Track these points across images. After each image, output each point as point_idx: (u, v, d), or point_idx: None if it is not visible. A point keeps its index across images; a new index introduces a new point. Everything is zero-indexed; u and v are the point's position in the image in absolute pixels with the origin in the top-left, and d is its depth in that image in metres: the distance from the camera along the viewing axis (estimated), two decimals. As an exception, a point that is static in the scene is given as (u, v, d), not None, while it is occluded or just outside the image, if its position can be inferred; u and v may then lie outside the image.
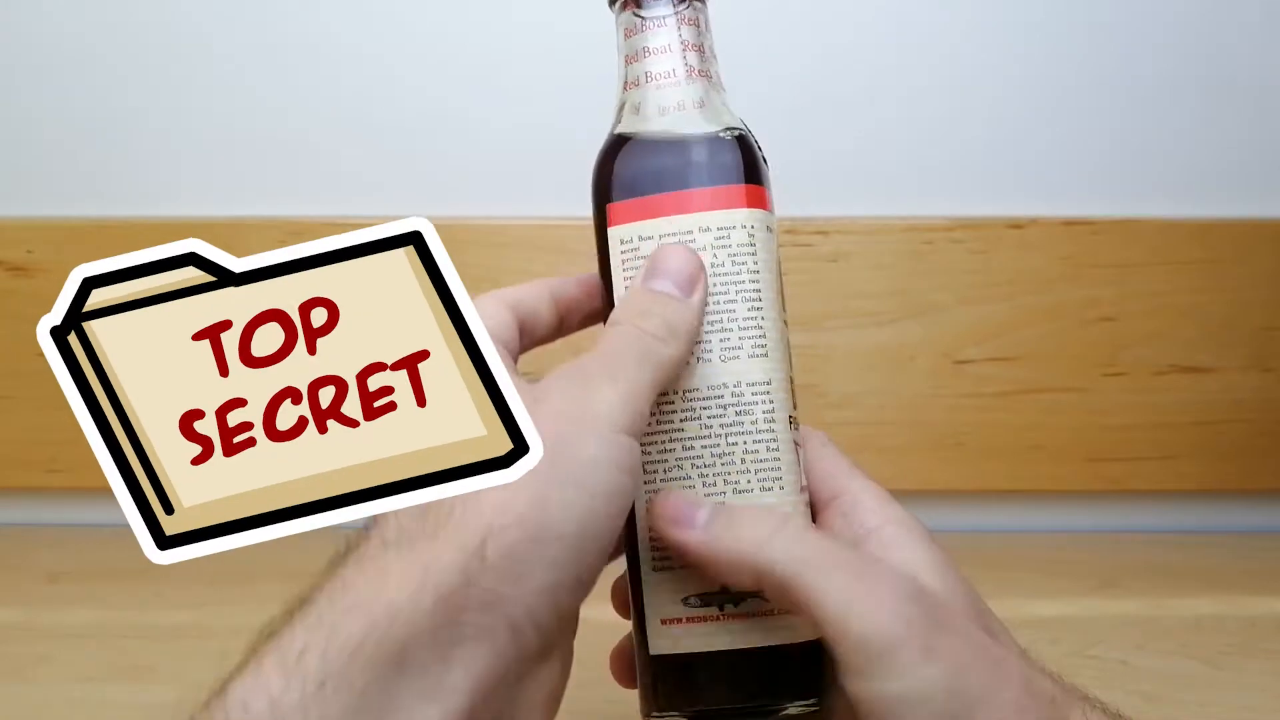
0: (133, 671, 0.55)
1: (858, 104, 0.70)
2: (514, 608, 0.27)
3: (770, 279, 0.35)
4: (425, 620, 0.26)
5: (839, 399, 0.71)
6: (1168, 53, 0.70)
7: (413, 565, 0.26)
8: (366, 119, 0.71)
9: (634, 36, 0.37)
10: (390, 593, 0.26)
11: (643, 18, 0.36)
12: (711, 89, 0.37)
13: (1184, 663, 0.54)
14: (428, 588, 0.26)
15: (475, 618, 0.26)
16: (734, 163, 0.36)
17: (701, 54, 0.37)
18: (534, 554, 0.27)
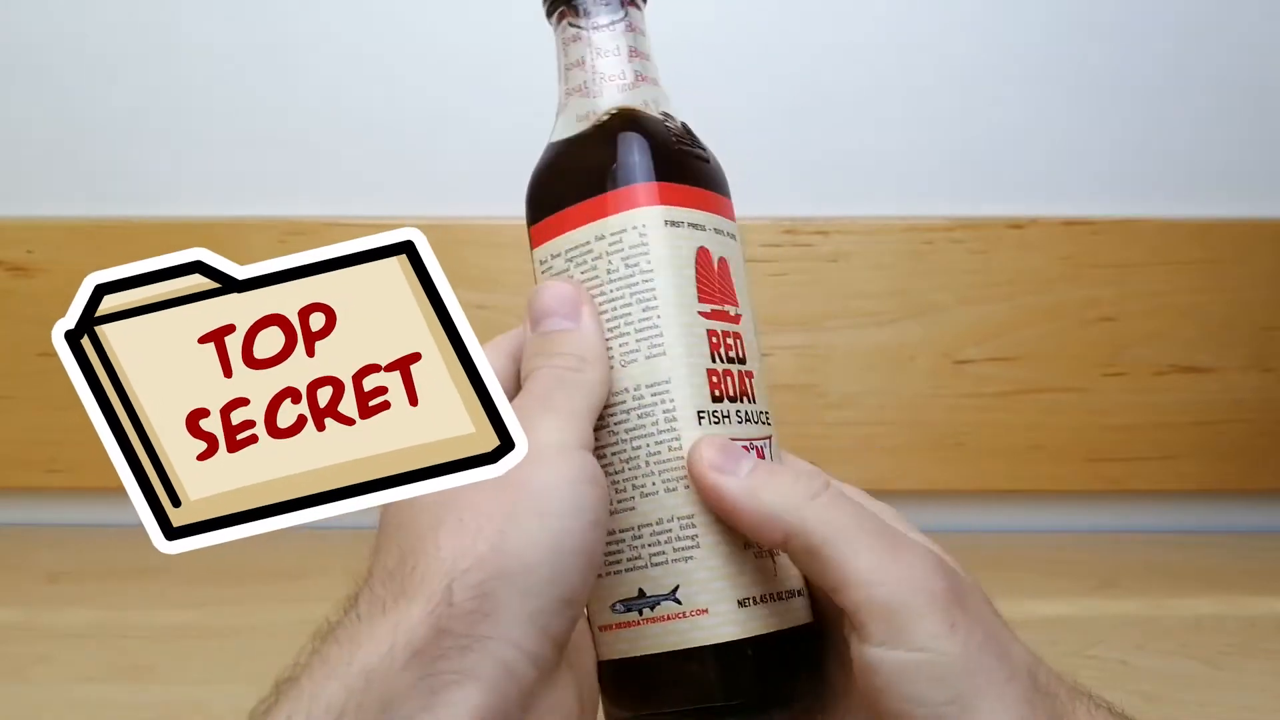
0: (133, 671, 0.55)
1: (858, 104, 0.70)
2: (496, 645, 0.27)
3: (669, 274, 0.34)
4: (401, 677, 0.26)
5: (839, 399, 0.71)
6: (1168, 53, 0.70)
7: (383, 628, 0.27)
8: (366, 119, 0.71)
9: (571, 46, 0.37)
10: (363, 658, 0.26)
11: (580, 28, 0.37)
12: (648, 95, 0.37)
13: (1184, 663, 0.54)
14: (399, 646, 0.26)
15: (455, 664, 0.27)
16: (623, 163, 0.35)
17: (642, 60, 0.37)
18: (503, 589, 0.27)
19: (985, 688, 0.28)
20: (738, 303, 0.36)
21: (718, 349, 0.35)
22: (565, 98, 0.37)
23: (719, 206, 0.36)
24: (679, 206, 0.35)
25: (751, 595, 0.33)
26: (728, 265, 0.36)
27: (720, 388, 0.34)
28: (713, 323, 0.35)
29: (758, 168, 0.71)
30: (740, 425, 0.34)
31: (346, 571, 0.33)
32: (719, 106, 0.71)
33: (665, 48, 0.73)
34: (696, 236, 0.35)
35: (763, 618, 0.33)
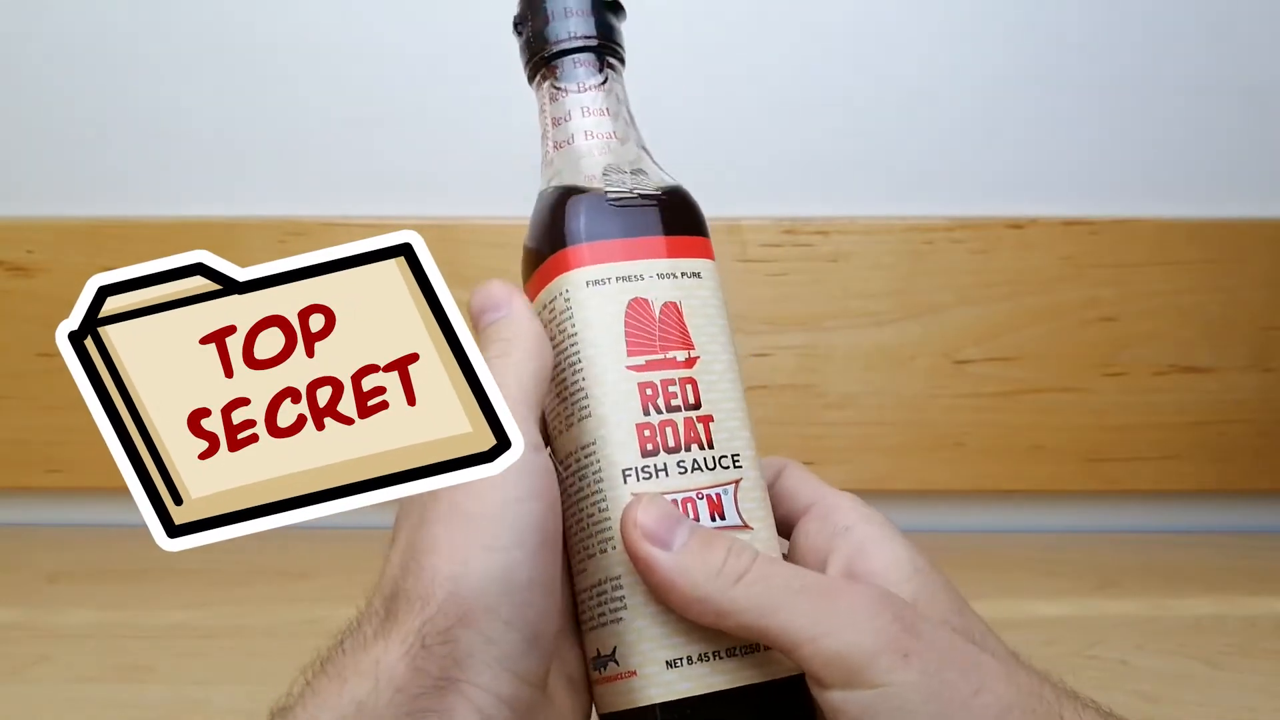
0: (133, 671, 0.55)
1: (859, 104, 0.70)
2: (469, 689, 0.28)
3: (593, 333, 0.34)
4: (386, 711, 0.27)
5: (839, 399, 0.71)
6: (1168, 53, 0.70)
7: (367, 664, 0.28)
8: (366, 119, 0.71)
9: (549, 106, 0.38)
10: (352, 691, 0.27)
11: (559, 90, 0.38)
12: (643, 152, 0.38)
13: (1184, 663, 0.54)
14: (382, 682, 0.27)
15: (433, 703, 0.27)
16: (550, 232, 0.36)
17: (628, 119, 0.38)
18: (466, 636, 0.28)
19: (952, 707, 0.28)
20: (691, 345, 0.35)
21: (653, 400, 0.34)
22: (546, 153, 0.39)
23: (670, 249, 0.36)
24: (605, 263, 0.35)
25: (684, 655, 0.33)
26: (678, 309, 0.35)
27: (655, 440, 0.34)
28: (647, 374, 0.34)
29: (758, 168, 0.71)
30: (683, 476, 0.34)
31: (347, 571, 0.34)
32: (719, 106, 0.71)
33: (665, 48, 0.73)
34: (628, 289, 0.35)
35: (698, 678, 0.32)
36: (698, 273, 0.36)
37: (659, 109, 0.69)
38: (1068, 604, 0.61)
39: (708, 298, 0.36)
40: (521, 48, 0.39)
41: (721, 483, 0.34)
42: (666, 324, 0.35)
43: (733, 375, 0.35)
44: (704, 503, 0.33)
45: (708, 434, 0.34)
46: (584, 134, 0.37)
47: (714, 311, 0.36)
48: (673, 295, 0.35)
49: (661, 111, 0.70)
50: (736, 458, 0.34)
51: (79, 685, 0.53)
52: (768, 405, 0.71)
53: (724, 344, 0.36)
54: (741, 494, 0.34)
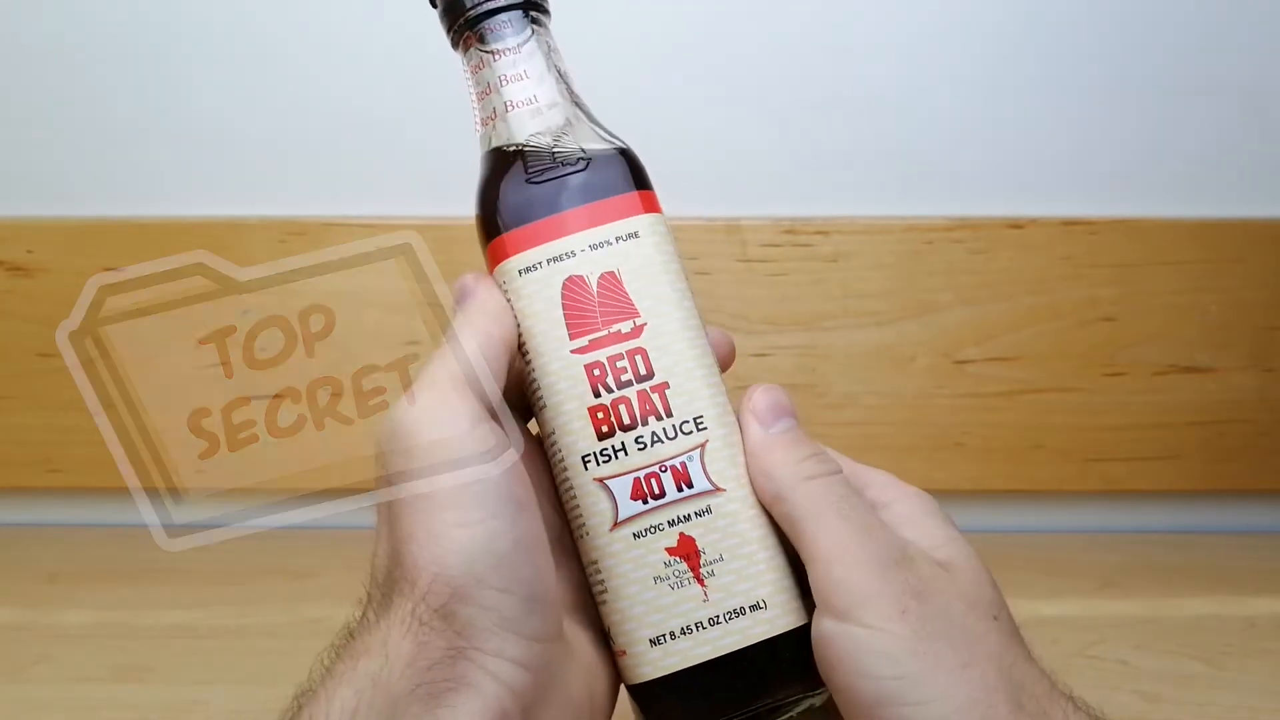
0: (133, 671, 0.55)
1: (858, 104, 0.70)
2: (477, 655, 0.29)
3: (533, 323, 0.34)
4: (401, 684, 0.28)
5: (839, 399, 0.71)
6: (1168, 53, 0.70)
7: (375, 643, 0.29)
8: (366, 119, 0.71)
9: (481, 71, 0.37)
10: (366, 668, 0.28)
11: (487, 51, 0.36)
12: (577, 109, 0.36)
13: (1184, 663, 0.54)
14: (391, 658, 0.28)
15: (445, 672, 0.28)
16: (484, 218, 0.36)
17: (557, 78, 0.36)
18: (462, 609, 0.29)
19: (935, 669, 0.29)
20: (636, 312, 0.34)
21: (602, 380, 0.33)
22: (475, 126, 0.37)
23: (598, 216, 0.34)
24: (532, 248, 0.34)
25: (667, 631, 0.33)
26: (616, 277, 0.34)
27: (609, 421, 0.33)
28: (592, 354, 0.34)
29: (758, 167, 0.71)
30: (642, 452, 0.33)
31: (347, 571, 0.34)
32: (719, 107, 0.71)
33: (666, 49, 0.73)
34: (560, 269, 0.34)
35: (683, 651, 0.33)
36: (634, 233, 0.35)
37: (659, 109, 0.70)
38: (1068, 604, 0.61)
39: (650, 255, 0.34)
40: (441, 13, 0.37)
41: (685, 450, 0.33)
42: (606, 296, 0.34)
43: (689, 332, 0.34)
44: (668, 475, 0.33)
45: (664, 403, 0.34)
46: (507, 105, 0.36)
47: (657, 269, 0.34)
48: (609, 264, 0.34)
49: (661, 111, 0.70)
50: (700, 420, 0.34)
51: (79, 685, 0.53)
52: (768, 405, 0.70)
53: (674, 301, 0.34)
54: (709, 456, 0.34)
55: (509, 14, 0.36)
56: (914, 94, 0.70)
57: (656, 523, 0.33)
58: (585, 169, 0.35)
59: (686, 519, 0.33)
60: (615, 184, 0.35)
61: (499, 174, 0.35)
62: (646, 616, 0.33)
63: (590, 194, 0.35)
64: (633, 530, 0.33)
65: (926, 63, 0.70)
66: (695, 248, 0.69)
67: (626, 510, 0.33)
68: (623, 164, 0.35)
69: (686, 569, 0.33)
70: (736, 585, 0.33)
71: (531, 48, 0.36)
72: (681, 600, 0.33)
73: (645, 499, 0.33)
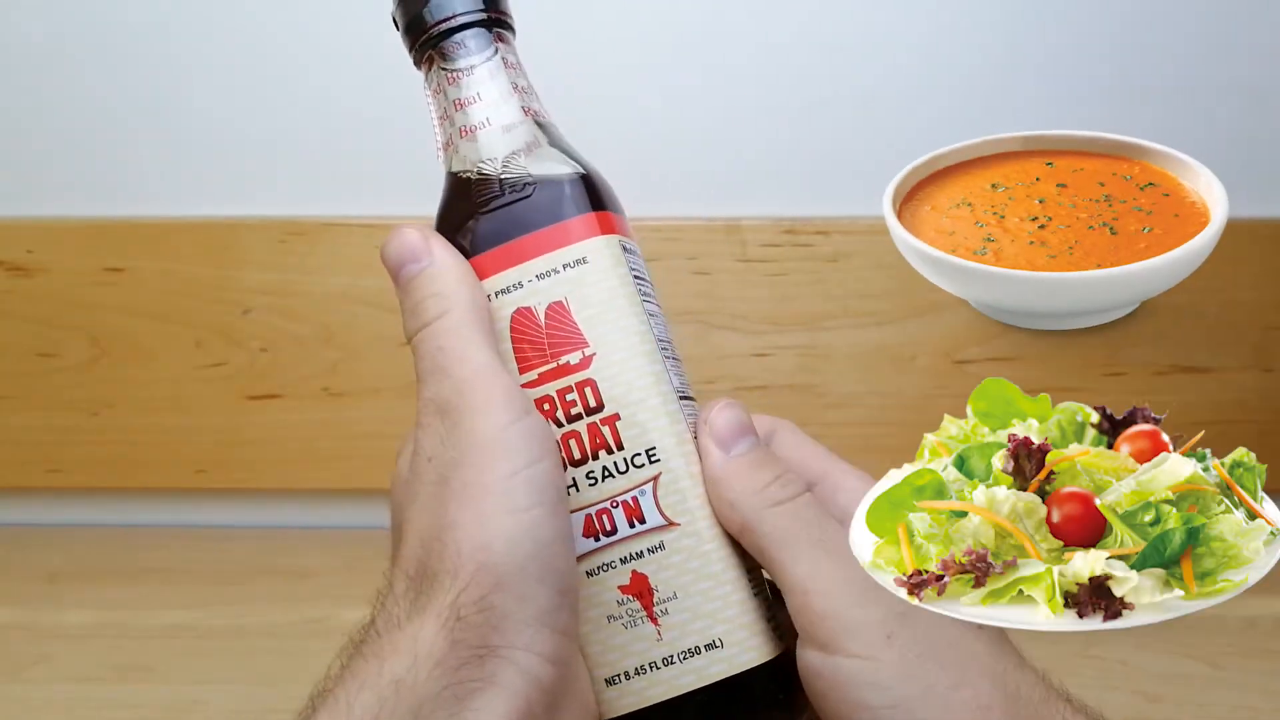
0: (133, 671, 0.55)
1: (858, 104, 0.70)
2: (509, 652, 0.28)
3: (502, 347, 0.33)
4: (427, 686, 0.27)
5: (839, 399, 0.71)
6: (1168, 53, 0.70)
7: (404, 642, 0.28)
8: (365, 118, 0.71)
9: (441, 94, 0.35)
10: (391, 669, 0.28)
11: (451, 70, 0.35)
12: (538, 129, 0.35)
13: (1184, 663, 0.54)
14: (420, 657, 0.28)
15: (474, 672, 0.28)
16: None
17: (520, 98, 0.35)
18: (501, 601, 0.28)
19: (927, 695, 0.29)
20: (585, 342, 0.33)
21: (552, 415, 0.33)
22: (439, 151, 0.36)
23: (543, 244, 0.33)
24: (482, 280, 0.33)
25: (621, 671, 0.32)
26: (564, 306, 0.33)
27: (563, 456, 0.33)
28: (542, 388, 0.33)
29: (758, 167, 0.71)
30: (593, 488, 0.33)
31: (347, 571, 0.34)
32: (718, 107, 0.71)
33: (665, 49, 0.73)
34: (509, 302, 0.33)
35: (639, 692, 0.32)
36: (583, 258, 0.33)
37: (659, 109, 0.70)
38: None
39: (598, 281, 0.33)
40: (402, 31, 0.36)
41: (636, 484, 0.33)
42: (554, 327, 0.33)
43: (641, 360, 0.33)
44: (620, 510, 0.32)
45: (615, 435, 0.32)
46: (465, 128, 0.34)
47: (607, 295, 0.33)
48: (557, 293, 0.33)
49: (661, 111, 0.70)
50: (651, 452, 0.33)
51: (79, 685, 0.53)
52: (768, 405, 0.70)
53: (626, 327, 0.33)
54: (662, 490, 0.33)
55: (473, 30, 0.34)
56: (914, 94, 0.70)
57: (608, 560, 0.32)
58: (530, 195, 0.33)
59: (639, 556, 0.32)
60: (561, 209, 0.33)
61: (451, 203, 0.34)
62: (601, 656, 0.32)
63: (535, 221, 0.33)
64: (585, 568, 0.32)
65: (927, 63, 0.70)
66: (695, 248, 0.69)
67: (579, 548, 0.32)
68: (571, 187, 0.34)
69: (640, 607, 0.32)
70: (691, 624, 0.32)
71: (494, 67, 0.35)
72: (635, 640, 0.32)
73: (597, 536, 0.32)
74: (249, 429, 0.71)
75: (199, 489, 0.72)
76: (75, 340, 0.70)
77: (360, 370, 0.70)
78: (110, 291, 0.70)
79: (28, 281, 0.70)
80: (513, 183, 0.33)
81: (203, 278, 0.70)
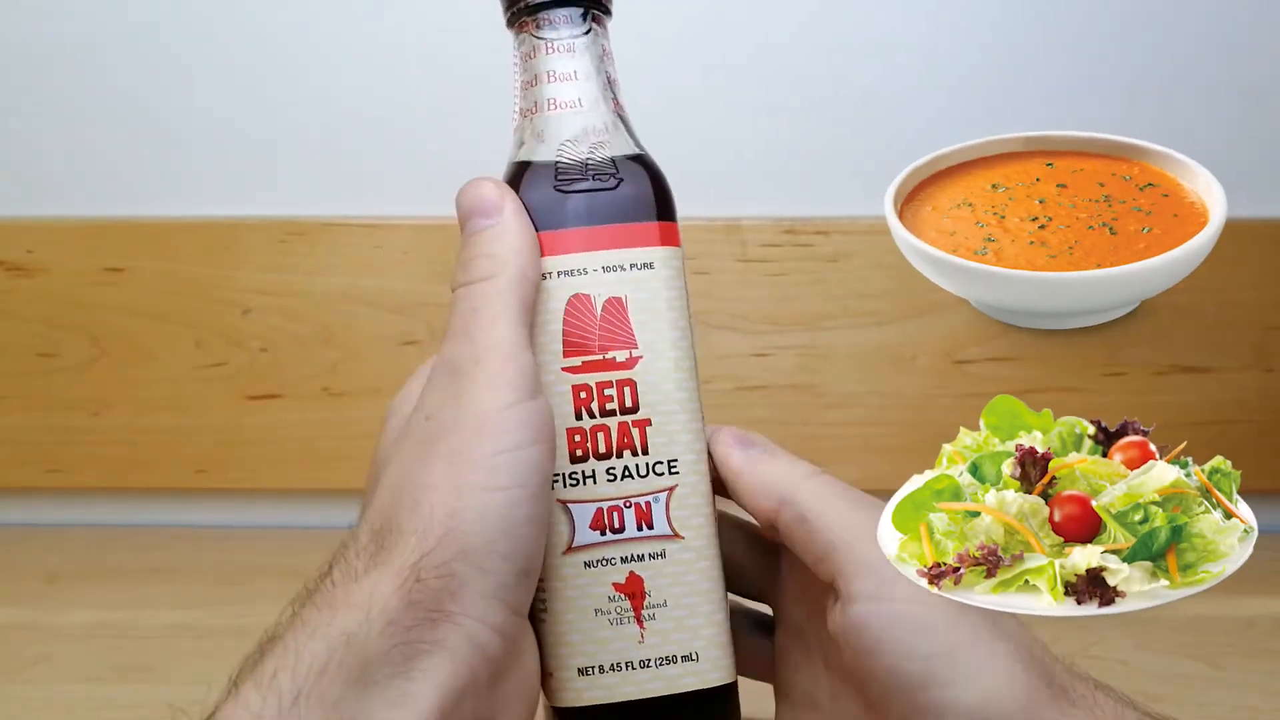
0: (133, 671, 0.55)
1: (858, 104, 0.70)
2: (463, 619, 0.28)
3: (542, 324, 0.33)
4: (378, 641, 0.28)
5: (839, 399, 0.71)
6: (1168, 53, 0.70)
7: (359, 595, 0.28)
8: (365, 119, 0.71)
9: (528, 62, 0.35)
10: (342, 622, 0.28)
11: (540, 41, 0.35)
12: (612, 123, 0.35)
13: (1184, 663, 0.54)
14: (374, 613, 0.28)
15: (425, 634, 0.28)
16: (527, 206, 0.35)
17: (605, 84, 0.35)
18: (464, 569, 0.29)
19: (973, 641, 0.30)
20: (634, 343, 0.34)
21: (586, 404, 0.33)
22: (514, 116, 0.36)
23: (618, 239, 0.34)
24: (546, 256, 0.34)
25: (597, 664, 0.33)
26: (623, 304, 0.34)
27: (585, 446, 0.33)
28: (583, 377, 0.33)
29: (758, 167, 0.71)
30: (611, 484, 0.33)
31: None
32: (718, 107, 0.71)
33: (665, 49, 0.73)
34: (569, 284, 0.34)
35: (609, 687, 0.33)
36: (649, 263, 0.34)
37: (659, 109, 0.70)
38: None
39: (659, 290, 0.34)
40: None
41: (652, 490, 0.33)
42: (609, 321, 0.34)
43: (680, 374, 0.34)
44: (631, 511, 0.33)
45: (643, 439, 0.33)
46: (549, 101, 0.35)
47: (664, 305, 0.34)
48: (619, 290, 0.34)
49: (661, 111, 0.70)
50: (674, 463, 0.34)
51: (79, 685, 0.53)
52: (768, 405, 0.70)
53: (673, 339, 0.34)
54: (675, 501, 0.34)
55: (570, 9, 0.35)
56: (914, 94, 0.70)
57: (609, 556, 0.33)
58: (614, 188, 0.34)
59: (640, 558, 0.33)
60: (641, 210, 0.34)
61: (529, 174, 0.35)
62: (580, 645, 0.33)
63: (615, 215, 0.34)
64: (585, 559, 0.33)
65: (927, 63, 0.70)
66: (695, 248, 0.69)
67: (583, 537, 0.33)
68: (653, 190, 0.35)
69: (629, 607, 0.33)
70: (674, 633, 0.33)
71: (585, 47, 0.35)
72: (618, 637, 0.33)
73: (604, 530, 0.33)
74: (249, 429, 0.71)
75: (199, 489, 0.72)
76: (75, 340, 0.70)
77: (360, 370, 0.70)
78: (110, 291, 0.70)
79: (28, 281, 0.70)
80: (597, 170, 0.34)
81: (203, 278, 0.70)
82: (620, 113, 0.36)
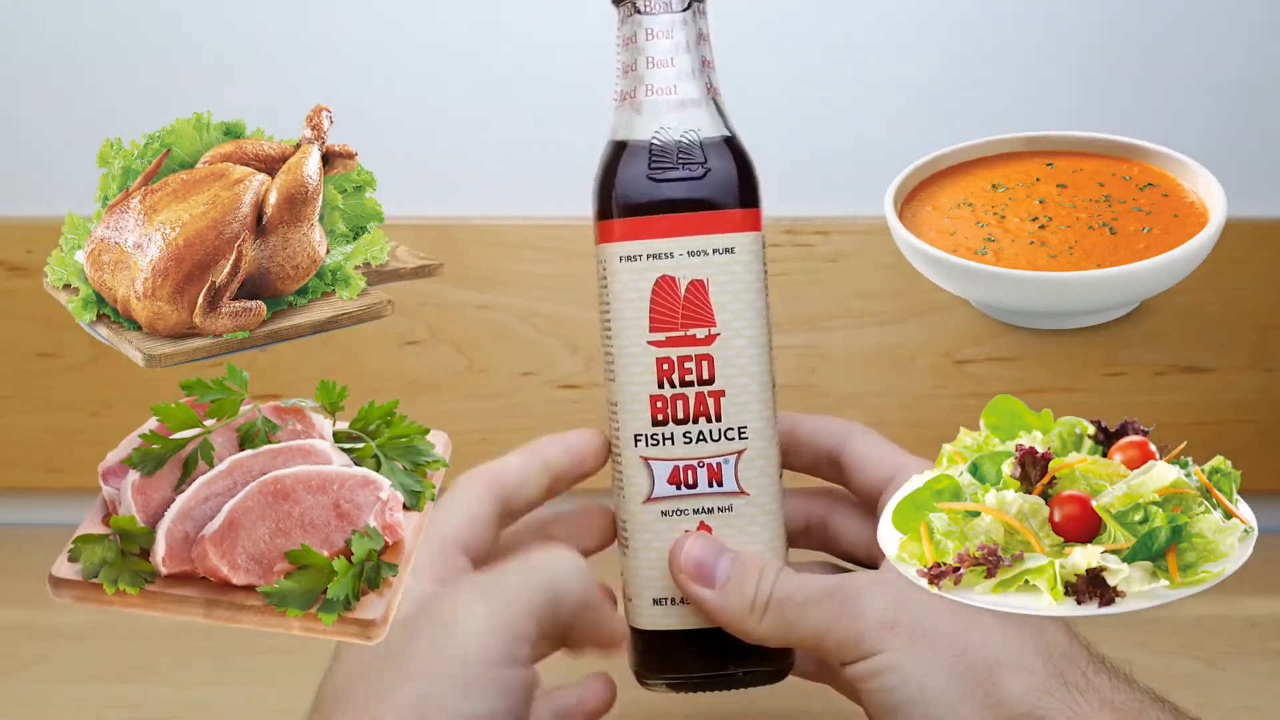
0: (133, 671, 0.55)
1: (859, 103, 0.70)
2: None
3: (621, 307, 0.37)
4: None
5: (839, 399, 0.71)
6: (1167, 51, 0.70)
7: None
8: (365, 119, 0.71)
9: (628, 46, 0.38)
10: None
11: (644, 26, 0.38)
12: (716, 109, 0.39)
13: (1184, 663, 0.54)
14: None
15: None
16: (599, 197, 0.38)
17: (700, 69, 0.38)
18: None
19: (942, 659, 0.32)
20: (713, 322, 0.37)
21: (669, 374, 0.37)
22: (617, 99, 0.39)
23: (703, 225, 0.37)
24: (638, 240, 0.37)
25: (669, 597, 0.38)
26: (705, 286, 0.37)
27: (665, 411, 0.37)
28: (666, 350, 0.37)
29: (758, 167, 0.71)
30: (688, 446, 0.37)
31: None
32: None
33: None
34: (657, 266, 0.37)
35: (678, 616, 0.38)
36: (730, 248, 0.37)
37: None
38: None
39: (739, 273, 0.37)
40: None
41: (724, 453, 0.37)
42: (692, 302, 0.37)
43: (754, 350, 0.38)
44: (704, 470, 0.37)
45: (717, 408, 0.37)
46: (648, 88, 0.38)
47: (742, 287, 0.38)
48: (701, 273, 0.37)
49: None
50: (743, 430, 0.37)
51: (79, 685, 0.53)
52: (768, 405, 0.70)
53: (750, 319, 0.37)
54: (743, 464, 0.38)
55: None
56: (915, 93, 0.70)
57: (683, 508, 0.38)
58: (703, 176, 0.38)
59: (709, 511, 0.38)
60: (727, 197, 0.38)
61: (625, 158, 0.38)
62: (656, 580, 0.38)
63: (702, 202, 0.37)
64: (661, 509, 0.38)
65: (927, 63, 0.70)
66: (695, 248, 0.69)
67: (661, 490, 0.38)
68: (740, 178, 0.39)
69: None
70: None
71: (685, 32, 0.38)
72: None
73: (680, 485, 0.38)
74: (249, 429, 0.71)
75: (199, 489, 0.72)
76: (75, 340, 0.70)
77: (360, 370, 0.70)
78: (110, 291, 0.70)
79: (28, 281, 0.70)
80: (688, 157, 0.37)
81: (203, 278, 0.70)
82: (715, 97, 0.39)
